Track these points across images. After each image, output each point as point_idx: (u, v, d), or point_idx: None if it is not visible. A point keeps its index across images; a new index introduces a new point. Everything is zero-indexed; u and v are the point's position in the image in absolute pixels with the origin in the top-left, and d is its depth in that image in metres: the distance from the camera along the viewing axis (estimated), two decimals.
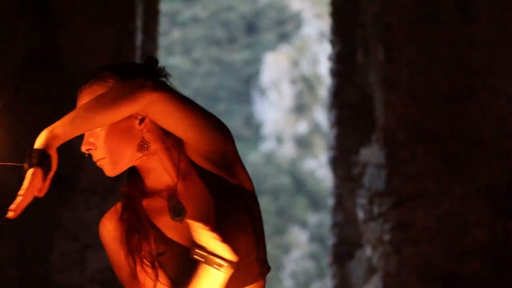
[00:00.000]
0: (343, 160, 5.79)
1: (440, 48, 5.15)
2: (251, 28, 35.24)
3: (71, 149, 4.90)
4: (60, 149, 4.69)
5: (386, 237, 5.11)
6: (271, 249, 25.73)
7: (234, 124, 33.85)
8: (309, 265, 23.23)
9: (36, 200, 4.28)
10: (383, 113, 5.10)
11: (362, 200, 5.45)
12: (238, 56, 34.55)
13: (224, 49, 34.76)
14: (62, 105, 4.72)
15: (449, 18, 5.14)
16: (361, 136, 5.60)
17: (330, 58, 5.81)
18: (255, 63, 34.71)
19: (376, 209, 5.24)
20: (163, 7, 5.66)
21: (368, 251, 5.41)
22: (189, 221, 1.59)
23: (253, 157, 31.96)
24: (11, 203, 3.93)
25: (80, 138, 4.70)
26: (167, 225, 1.72)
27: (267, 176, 30.47)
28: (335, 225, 5.87)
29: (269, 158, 30.97)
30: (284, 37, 33.01)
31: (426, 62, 5.13)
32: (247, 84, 34.48)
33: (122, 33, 4.86)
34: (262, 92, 34.48)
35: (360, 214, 5.50)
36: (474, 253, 5.13)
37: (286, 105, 31.82)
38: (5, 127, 1.82)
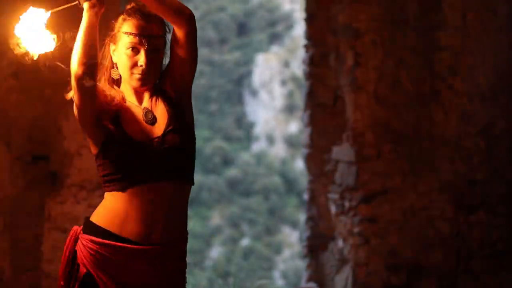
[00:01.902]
0: (316, 157, 5.92)
1: (405, 53, 5.34)
2: (242, 28, 35.28)
3: (61, 147, 5.17)
4: (50, 148, 4.97)
5: (356, 230, 5.31)
6: (263, 249, 25.87)
7: (225, 124, 33.88)
8: (301, 264, 23.39)
9: (27, 195, 4.55)
10: (353, 114, 5.30)
11: (334, 195, 5.62)
12: (229, 56, 34.58)
13: (215, 50, 34.83)
14: (55, 103, 4.97)
15: (414, 25, 5.34)
16: (333, 135, 5.72)
17: (304, 62, 6.01)
18: (246, 63, 34.73)
19: (347, 204, 5.43)
20: None
21: (340, 243, 5.57)
22: None
23: (244, 157, 32.02)
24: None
25: (72, 138, 4.89)
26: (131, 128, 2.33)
27: (258, 176, 30.54)
28: (310, 219, 6.01)
29: (260, 158, 31.05)
30: (275, 38, 33.13)
31: (392, 66, 5.32)
32: (238, 84, 34.53)
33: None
34: (254, 93, 34.52)
35: (333, 208, 5.66)
36: (437, 244, 5.35)
37: (277, 105, 31.96)
38: None
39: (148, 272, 2.29)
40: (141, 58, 2.31)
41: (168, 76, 2.40)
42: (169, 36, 2.39)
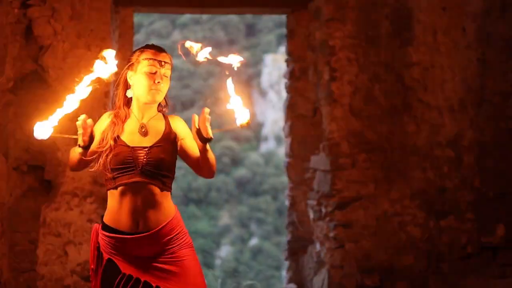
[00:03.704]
0: (297, 166, 6.11)
1: (379, 68, 5.50)
2: (251, 29, 35.28)
3: (55, 158, 5.44)
4: (45, 158, 5.27)
5: (332, 234, 5.47)
6: (271, 248, 25.90)
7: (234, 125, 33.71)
8: None
9: (23, 202, 4.84)
10: (328, 125, 5.47)
11: (312, 202, 5.82)
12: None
13: (224, 51, 34.80)
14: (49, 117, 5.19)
15: (387, 42, 5.51)
16: (312, 145, 5.93)
17: (285, 76, 6.20)
18: (255, 64, 34.72)
19: (323, 210, 5.60)
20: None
21: (317, 246, 5.75)
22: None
23: (253, 157, 32.05)
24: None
25: (65, 149, 5.17)
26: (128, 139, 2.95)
27: (267, 176, 30.57)
28: (290, 224, 6.20)
29: (269, 158, 31.09)
30: (283, 39, 33.09)
31: (366, 80, 5.48)
32: (247, 85, 34.52)
33: (99, 56, 5.24)
34: (262, 93, 34.54)
35: (311, 214, 5.86)
36: (409, 248, 5.51)
37: None
38: None
39: (145, 251, 2.93)
40: (158, 77, 2.96)
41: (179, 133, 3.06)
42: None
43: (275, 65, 32.64)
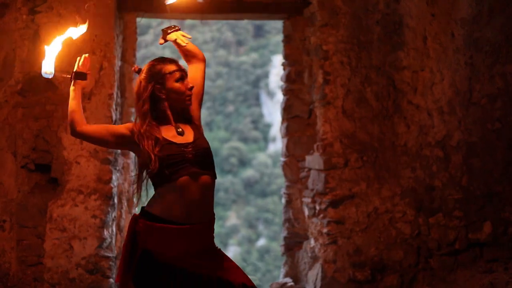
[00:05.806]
0: (292, 165, 6.30)
1: (370, 72, 5.70)
2: (259, 30, 35.34)
3: (61, 156, 5.65)
4: (52, 157, 5.48)
5: (325, 230, 5.67)
6: (279, 249, 25.93)
7: (242, 125, 33.91)
8: None
9: (31, 198, 5.07)
10: (322, 126, 5.68)
11: (307, 200, 6.03)
12: (246, 58, 34.61)
13: (232, 52, 34.93)
14: (56, 118, 5.39)
15: (378, 46, 5.71)
16: (307, 145, 6.13)
17: (282, 79, 6.39)
18: (263, 65, 34.76)
19: (317, 207, 5.81)
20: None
21: (312, 242, 5.95)
22: None
23: (260, 158, 32.12)
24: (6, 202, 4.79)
25: (71, 148, 5.42)
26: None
27: (275, 176, 30.63)
28: (286, 221, 6.39)
29: (277, 158, 31.14)
30: None
31: (358, 83, 5.67)
32: (255, 86, 34.63)
33: (103, 60, 5.42)
34: (270, 94, 34.62)
35: (306, 211, 6.07)
36: (399, 244, 5.69)
37: None
38: None
39: (189, 243, 3.02)
40: (188, 83, 3.18)
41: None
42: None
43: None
